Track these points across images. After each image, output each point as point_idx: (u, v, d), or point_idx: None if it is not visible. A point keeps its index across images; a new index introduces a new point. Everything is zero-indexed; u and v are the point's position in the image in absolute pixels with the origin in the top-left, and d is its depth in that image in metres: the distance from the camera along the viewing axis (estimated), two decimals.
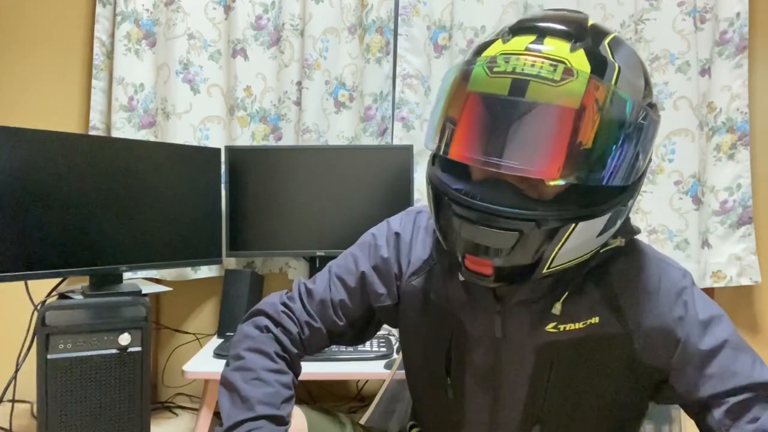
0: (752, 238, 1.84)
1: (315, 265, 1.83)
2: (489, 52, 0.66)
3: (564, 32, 0.65)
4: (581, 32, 0.65)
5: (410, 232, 0.85)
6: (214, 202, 1.78)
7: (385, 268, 0.85)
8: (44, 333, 1.31)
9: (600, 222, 0.64)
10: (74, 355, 1.33)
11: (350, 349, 1.51)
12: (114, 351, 1.37)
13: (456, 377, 0.80)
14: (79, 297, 1.47)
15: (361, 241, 0.90)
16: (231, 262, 1.94)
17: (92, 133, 1.88)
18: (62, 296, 1.49)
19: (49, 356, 1.31)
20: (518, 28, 0.67)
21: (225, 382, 0.79)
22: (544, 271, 0.66)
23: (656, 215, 1.87)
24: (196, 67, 1.92)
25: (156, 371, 2.00)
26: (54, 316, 1.35)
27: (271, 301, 0.88)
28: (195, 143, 1.91)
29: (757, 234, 1.87)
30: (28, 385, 1.49)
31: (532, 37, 0.64)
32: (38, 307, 1.37)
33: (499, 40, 0.67)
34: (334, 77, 1.93)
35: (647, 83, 0.68)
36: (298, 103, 1.92)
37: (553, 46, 0.63)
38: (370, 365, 1.46)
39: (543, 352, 0.73)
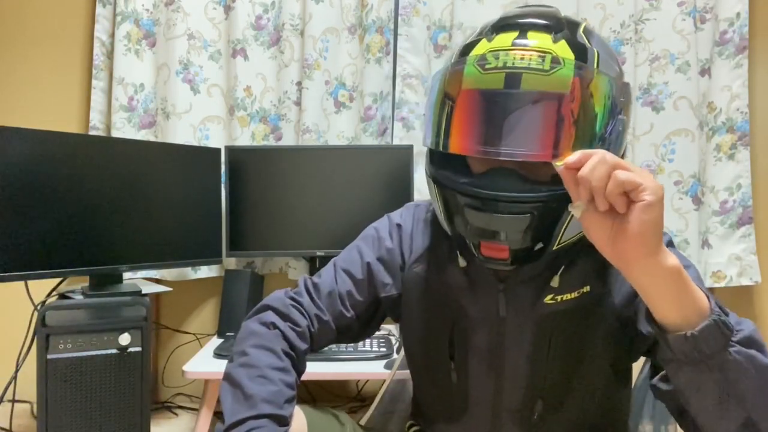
0: (752, 238, 1.84)
1: (315, 265, 1.83)
2: (476, 51, 0.70)
3: (544, 26, 0.70)
4: (558, 24, 0.70)
5: (411, 223, 0.89)
6: (214, 202, 1.78)
7: (389, 258, 0.88)
8: (44, 333, 1.31)
9: None
10: (74, 355, 1.33)
11: (350, 348, 1.51)
12: (114, 351, 1.37)
13: (459, 360, 0.82)
14: (79, 297, 1.47)
15: (364, 234, 0.92)
16: (231, 262, 1.94)
17: (92, 133, 1.88)
18: (62, 296, 1.49)
19: (49, 356, 1.31)
20: (500, 26, 0.71)
21: (229, 378, 0.78)
22: (555, 248, 0.71)
23: None
24: (196, 67, 1.92)
25: (156, 371, 2.00)
26: (54, 316, 1.35)
27: (278, 296, 0.88)
28: (195, 143, 1.91)
29: (757, 234, 1.87)
30: (28, 385, 1.49)
31: (515, 33, 0.69)
32: (38, 307, 1.37)
33: (484, 39, 0.71)
34: (334, 77, 1.93)
35: (619, 66, 0.74)
36: (298, 103, 1.92)
37: (537, 40, 0.68)
38: (370, 365, 1.46)
39: (542, 324, 0.77)
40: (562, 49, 0.67)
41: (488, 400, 0.81)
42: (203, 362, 1.52)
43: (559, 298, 0.76)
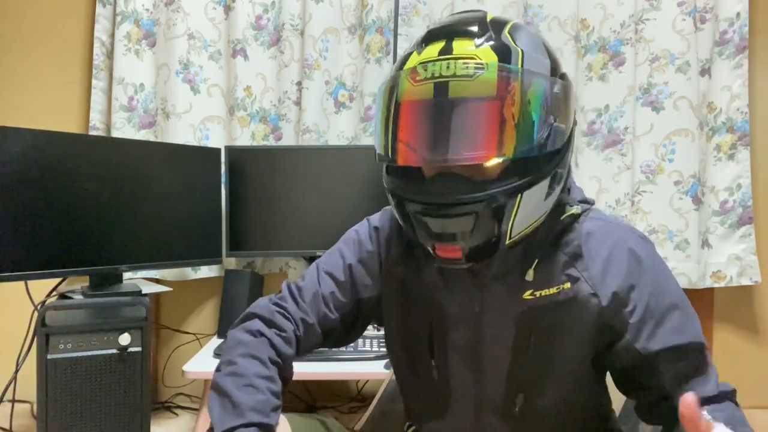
0: (752, 238, 1.84)
1: None
2: (409, 64, 0.73)
3: (468, 32, 0.72)
4: (483, 29, 0.73)
5: (388, 226, 0.91)
6: (214, 202, 1.78)
7: (369, 260, 0.90)
8: (44, 333, 1.31)
9: (542, 187, 0.72)
10: (74, 355, 1.33)
11: (350, 348, 1.51)
12: (114, 351, 1.37)
13: (439, 357, 0.84)
14: (79, 297, 1.47)
15: (345, 237, 0.95)
16: (231, 262, 1.94)
17: (92, 133, 1.88)
18: (62, 296, 1.49)
19: (49, 356, 1.31)
20: (428, 38, 0.75)
21: (216, 388, 0.79)
22: (507, 242, 0.73)
23: (656, 215, 1.87)
24: (196, 67, 1.92)
25: (156, 371, 2.00)
26: (54, 316, 1.35)
27: (262, 303, 0.89)
28: (195, 143, 1.91)
29: (757, 234, 1.87)
30: (28, 385, 1.49)
31: (442, 43, 0.72)
32: (38, 307, 1.37)
33: (415, 52, 0.74)
34: (334, 77, 1.93)
35: (552, 58, 0.75)
36: (298, 103, 1.92)
37: (461, 47, 0.71)
38: (370, 365, 1.46)
39: (523, 319, 0.79)
40: (485, 53, 0.69)
41: (470, 395, 0.83)
42: (203, 362, 1.52)
43: (538, 293, 0.78)
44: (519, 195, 0.70)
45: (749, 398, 1.94)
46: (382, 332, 1.67)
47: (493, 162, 0.70)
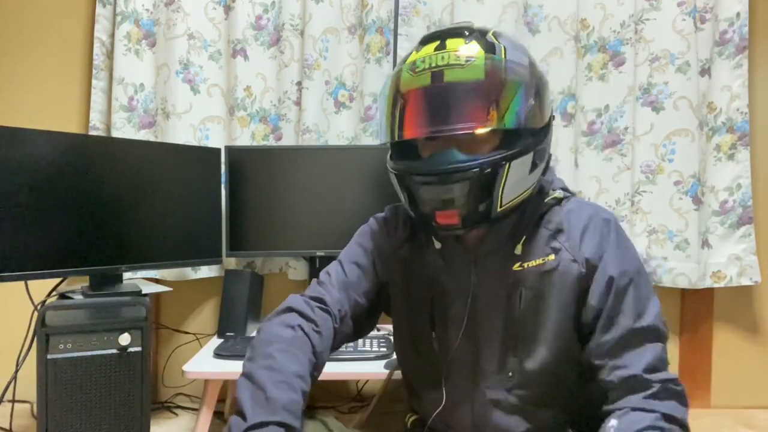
0: (752, 238, 1.84)
1: (315, 265, 1.83)
2: (409, 60, 0.86)
3: (459, 33, 0.86)
4: (471, 31, 0.86)
5: (393, 218, 1.02)
6: (214, 202, 1.78)
7: (383, 246, 1.00)
8: (44, 333, 1.31)
9: (527, 160, 0.84)
10: (74, 355, 1.33)
11: (350, 348, 1.51)
12: (114, 351, 1.37)
13: (440, 329, 0.93)
14: (79, 297, 1.47)
15: (359, 232, 1.05)
16: (231, 262, 1.94)
17: (92, 133, 1.88)
18: (62, 296, 1.49)
19: (49, 356, 1.31)
20: (425, 40, 0.87)
21: (251, 378, 0.79)
22: (499, 209, 0.84)
23: (656, 215, 1.87)
24: (196, 67, 1.92)
25: (156, 371, 2.00)
26: (54, 316, 1.35)
27: (299, 299, 0.93)
28: (195, 143, 1.91)
29: (757, 234, 1.87)
30: (28, 385, 1.49)
31: (437, 42, 0.85)
32: (38, 307, 1.37)
33: (414, 51, 0.87)
34: (334, 77, 1.93)
35: (529, 58, 0.87)
36: (298, 103, 1.92)
37: (454, 44, 0.84)
38: (370, 365, 1.46)
39: (512, 287, 0.89)
40: (474, 47, 0.83)
41: (467, 364, 0.91)
42: (203, 362, 1.52)
43: (526, 264, 0.88)
44: (507, 164, 0.81)
45: (749, 398, 1.94)
46: (382, 332, 1.68)
47: (482, 131, 0.81)
